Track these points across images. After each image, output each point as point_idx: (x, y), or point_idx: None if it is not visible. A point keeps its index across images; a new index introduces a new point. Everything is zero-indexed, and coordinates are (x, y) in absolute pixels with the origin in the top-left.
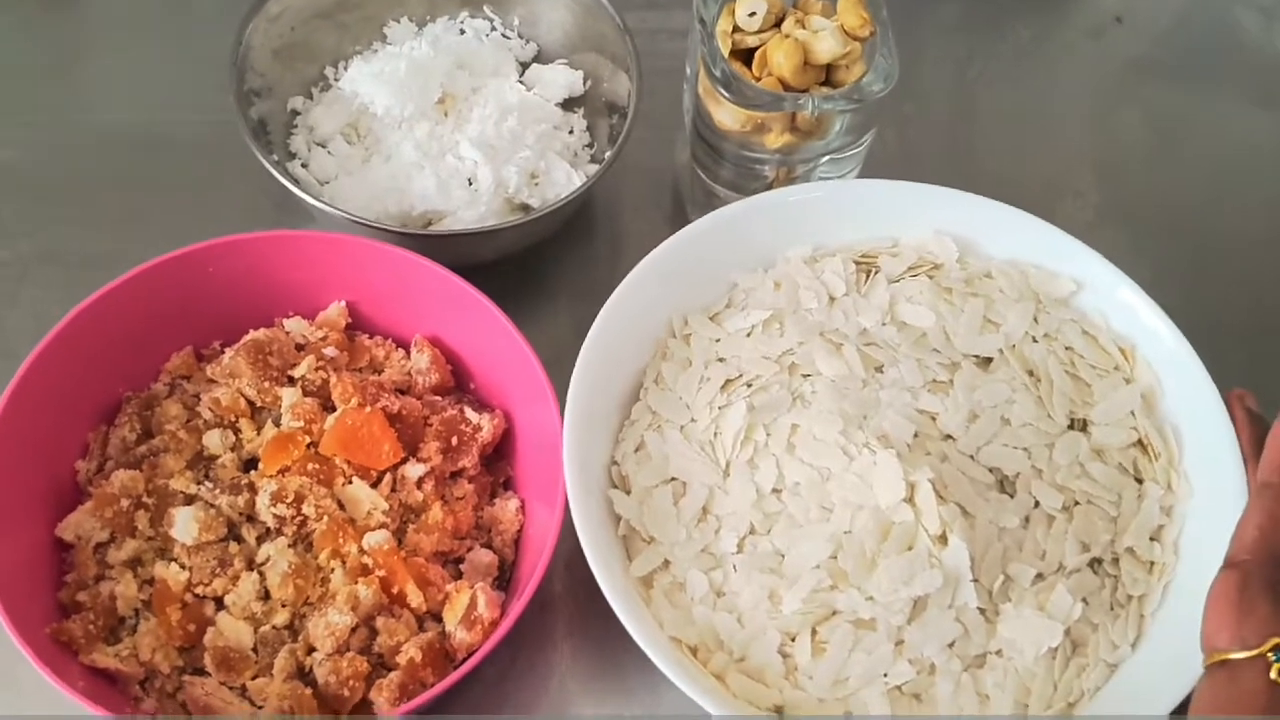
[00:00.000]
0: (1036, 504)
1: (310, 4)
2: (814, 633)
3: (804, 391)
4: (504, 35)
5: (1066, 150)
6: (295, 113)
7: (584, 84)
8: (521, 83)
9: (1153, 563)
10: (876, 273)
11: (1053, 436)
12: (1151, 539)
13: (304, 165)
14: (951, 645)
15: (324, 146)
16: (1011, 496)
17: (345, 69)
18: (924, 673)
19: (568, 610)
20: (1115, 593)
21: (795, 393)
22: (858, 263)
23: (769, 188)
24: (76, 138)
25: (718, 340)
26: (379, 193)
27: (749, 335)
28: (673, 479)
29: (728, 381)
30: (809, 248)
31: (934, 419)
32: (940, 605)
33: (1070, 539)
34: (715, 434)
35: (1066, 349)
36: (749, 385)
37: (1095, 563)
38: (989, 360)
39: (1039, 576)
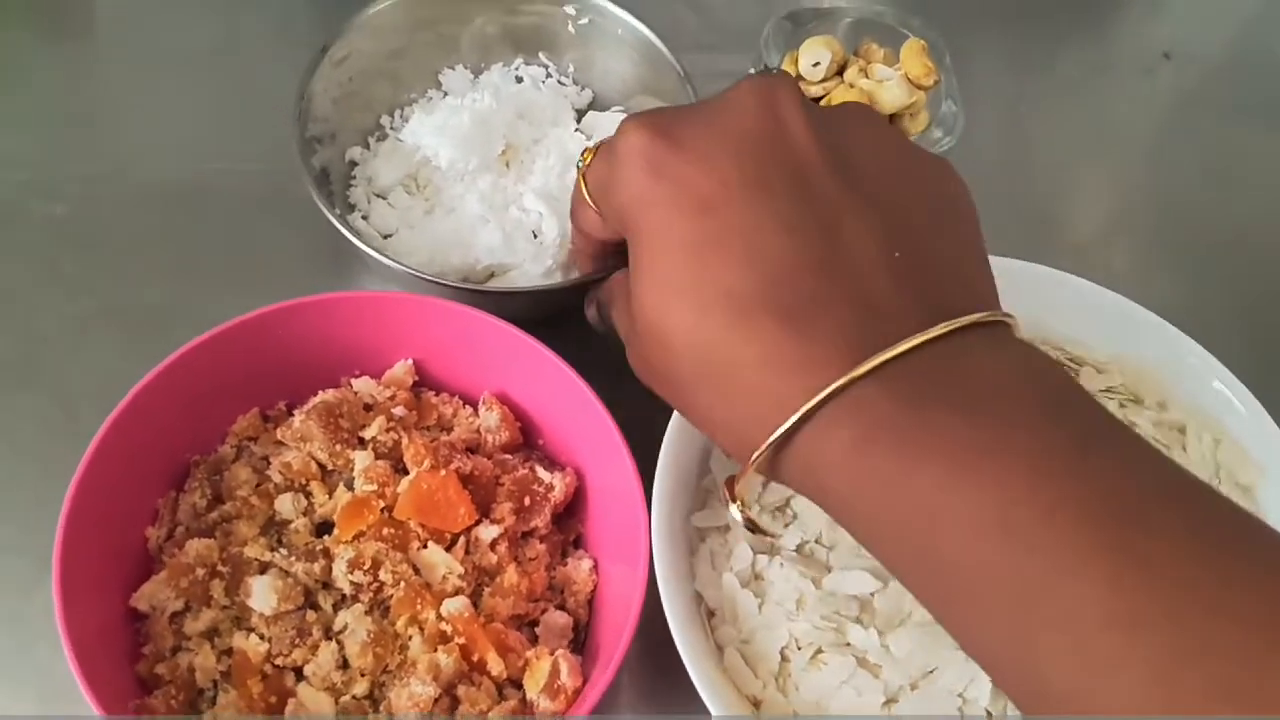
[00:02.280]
0: None
1: (370, 52)
2: (819, 650)
3: None
4: (559, 82)
5: (1121, 188)
6: (353, 163)
7: None
8: (579, 130)
9: None
10: (1075, 376)
11: None
12: None
13: (364, 217)
14: None
15: (384, 198)
16: None
17: (403, 118)
18: None
19: (643, 676)
20: None
21: None
22: (1061, 363)
23: None
24: (127, 189)
25: None
26: (443, 246)
27: None
28: None
29: None
30: (1032, 324)
31: None
32: (948, 689)
33: None
34: None
35: None
36: None
37: None
38: None
39: None
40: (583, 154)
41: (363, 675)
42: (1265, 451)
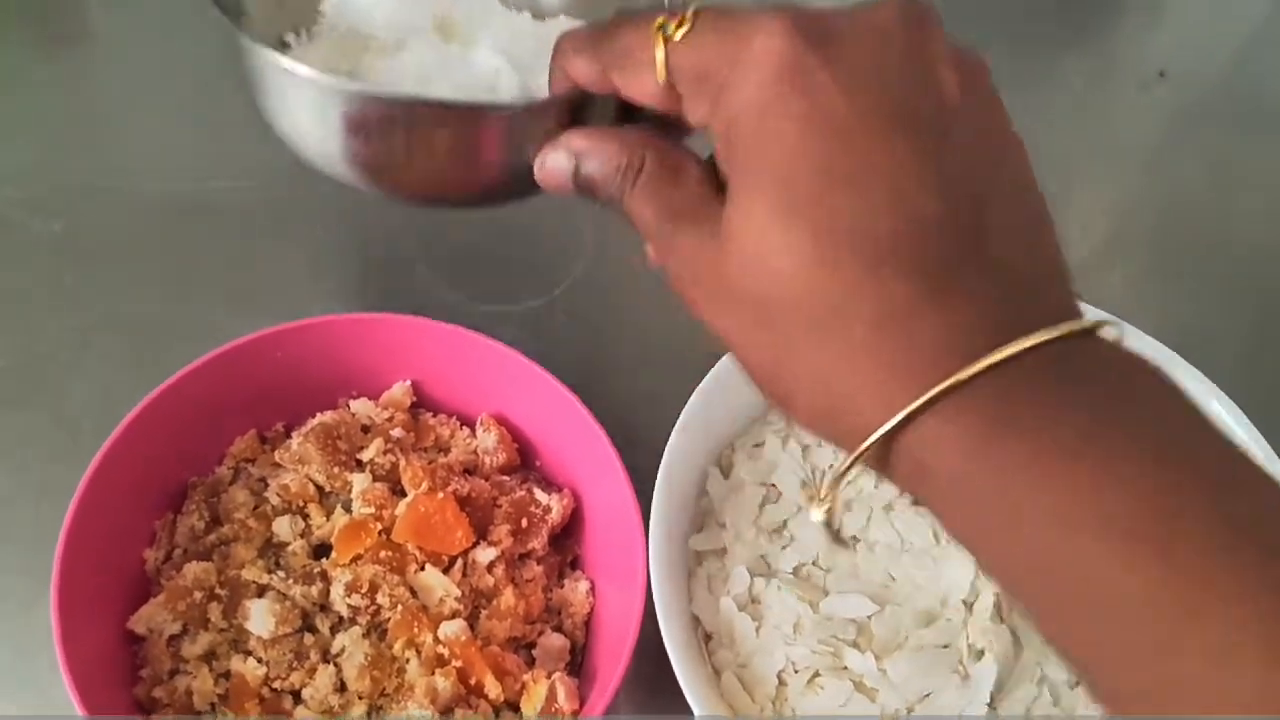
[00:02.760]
0: None
1: None
2: (816, 673)
3: None
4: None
5: (1121, 206)
6: (286, 45)
7: None
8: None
9: None
10: None
11: None
12: None
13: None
14: None
15: None
16: None
17: None
18: None
19: (639, 698)
20: None
21: None
22: None
23: None
24: (126, 203)
25: None
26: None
27: None
28: (772, 484)
29: None
30: None
31: None
32: (945, 710)
33: None
34: (830, 465)
35: None
36: None
37: None
38: None
39: None
40: (674, 16)
41: (360, 698)
42: None
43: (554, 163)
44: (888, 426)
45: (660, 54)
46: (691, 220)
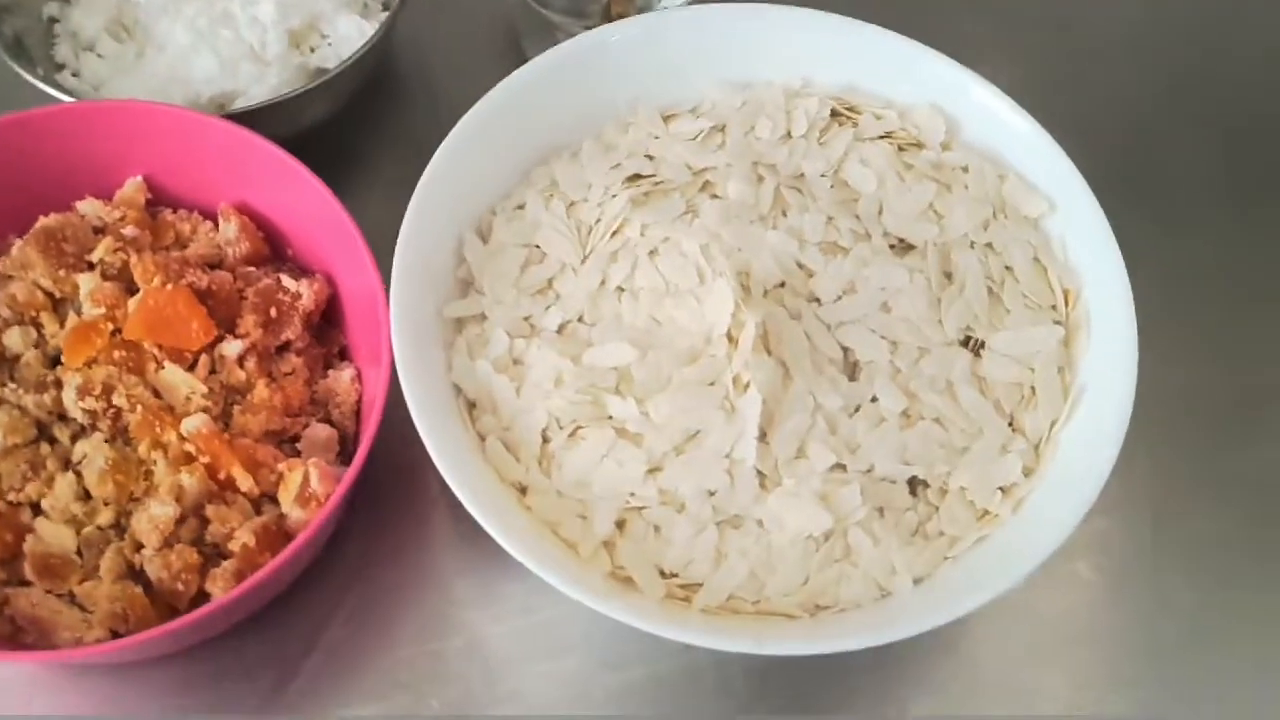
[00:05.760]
0: (875, 399)
1: None
2: (578, 426)
3: (700, 207)
4: None
5: None
6: (53, 20)
7: None
8: None
9: (987, 512)
10: (852, 126)
11: (932, 344)
12: (1000, 489)
13: (75, 74)
14: (711, 494)
15: (92, 50)
16: (852, 381)
17: None
18: (670, 507)
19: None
20: (926, 523)
21: (691, 205)
22: (836, 111)
23: (606, 10)
24: None
25: (656, 138)
26: (159, 86)
27: (690, 140)
28: (536, 246)
29: (638, 176)
30: (799, 80)
31: (810, 276)
32: (715, 450)
33: (893, 447)
34: (597, 220)
35: (1006, 268)
36: (656, 184)
37: (918, 483)
38: (911, 249)
39: (839, 466)
40: None
41: (106, 505)
42: (1053, 184)
43: None
44: None
45: None
46: None
